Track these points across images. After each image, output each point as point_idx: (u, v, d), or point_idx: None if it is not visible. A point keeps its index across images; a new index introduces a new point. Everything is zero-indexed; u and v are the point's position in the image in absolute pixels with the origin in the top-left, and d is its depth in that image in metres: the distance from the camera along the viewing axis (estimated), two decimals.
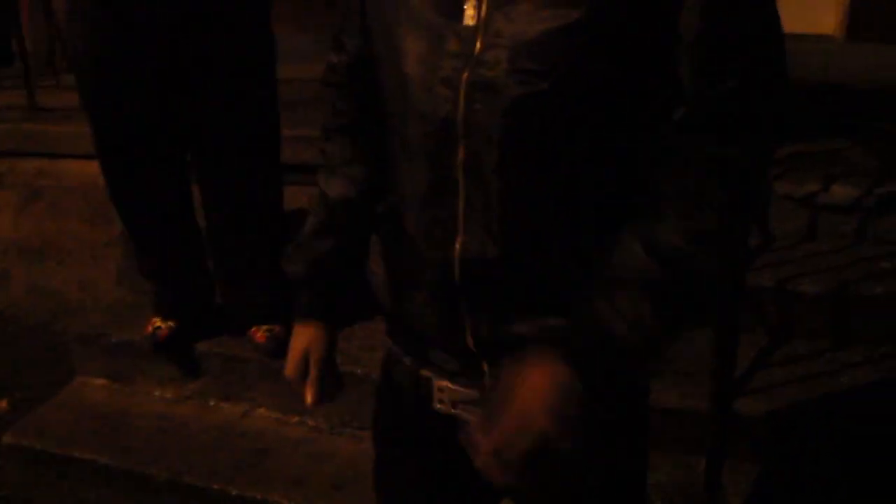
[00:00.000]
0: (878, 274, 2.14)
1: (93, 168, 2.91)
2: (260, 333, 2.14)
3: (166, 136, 2.05)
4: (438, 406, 1.00)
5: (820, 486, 1.87)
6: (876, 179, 2.28)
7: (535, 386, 0.77)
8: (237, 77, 1.97)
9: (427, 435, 1.07)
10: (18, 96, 3.32)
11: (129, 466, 2.08)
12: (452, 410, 0.98)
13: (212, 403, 2.26)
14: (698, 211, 0.80)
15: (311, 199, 1.10)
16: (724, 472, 1.87)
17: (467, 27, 0.83)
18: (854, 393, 1.96)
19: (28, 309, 3.23)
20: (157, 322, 2.22)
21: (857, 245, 2.28)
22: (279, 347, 2.11)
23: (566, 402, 0.76)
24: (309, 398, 1.07)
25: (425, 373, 0.99)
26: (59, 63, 3.63)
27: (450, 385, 0.97)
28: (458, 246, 0.87)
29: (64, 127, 3.07)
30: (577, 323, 0.80)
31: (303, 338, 1.07)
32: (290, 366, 1.08)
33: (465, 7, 0.83)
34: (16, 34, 3.28)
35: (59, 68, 3.61)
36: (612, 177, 0.84)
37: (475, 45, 0.82)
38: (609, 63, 0.78)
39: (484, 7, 0.82)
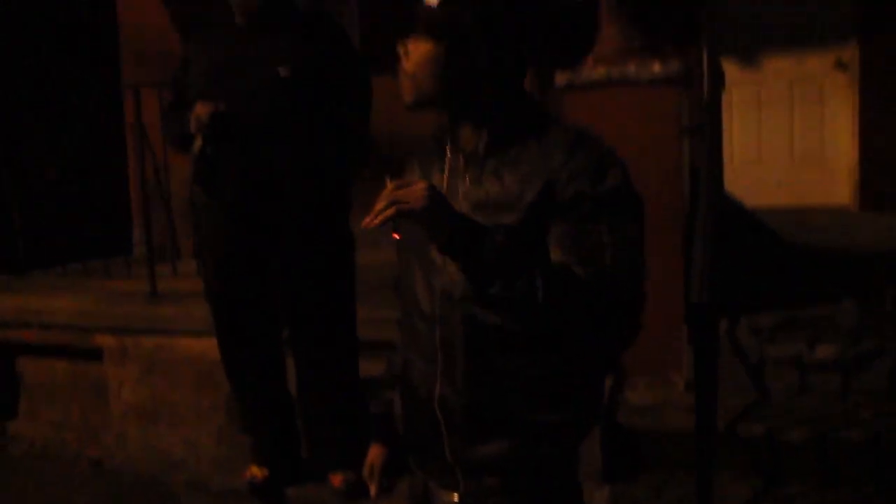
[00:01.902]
0: (859, 421, 2.59)
1: (202, 344, 3.66)
2: (337, 479, 2.73)
3: (268, 317, 2.74)
4: None
5: None
6: (855, 339, 2.77)
7: (413, 188, 1.28)
8: (324, 271, 2.66)
9: None
10: (141, 283, 4.14)
11: None
12: None
13: None
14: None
15: (385, 370, 1.76)
16: None
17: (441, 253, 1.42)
18: None
19: (141, 464, 3.89)
20: (254, 470, 2.83)
21: (843, 397, 2.74)
22: (353, 491, 2.69)
23: (423, 202, 1.26)
24: (372, 491, 1.71)
25: (430, 484, 1.58)
26: (175, 253, 4.50)
27: (442, 491, 1.53)
28: (437, 391, 1.47)
29: (179, 309, 3.84)
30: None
31: (372, 453, 1.72)
32: (365, 469, 1.72)
33: None
34: (145, 227, 4.16)
35: (176, 258, 4.47)
36: (544, 352, 1.42)
37: (445, 264, 1.43)
38: None
39: None
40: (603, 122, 2.72)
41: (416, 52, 1.44)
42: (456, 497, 1.52)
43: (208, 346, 3.61)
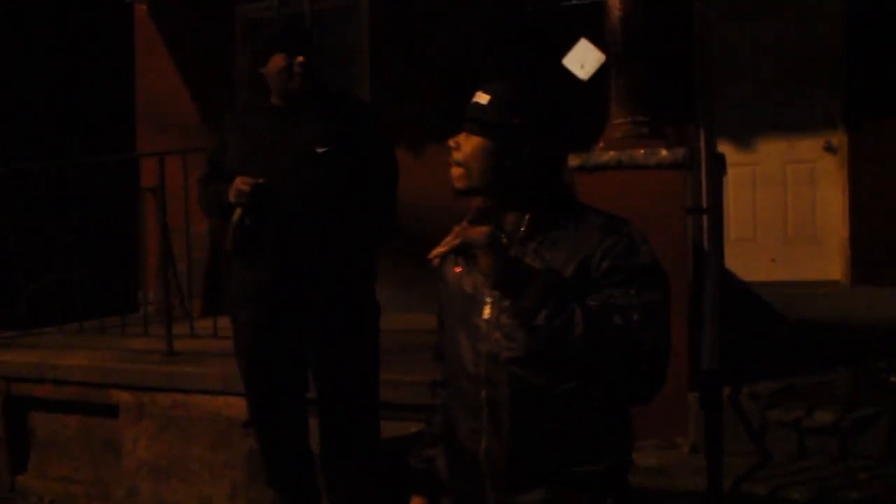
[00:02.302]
0: (857, 483, 2.77)
1: (218, 402, 3.82)
2: None
3: (294, 377, 2.91)
4: None
5: None
6: (851, 405, 2.97)
7: (479, 228, 1.54)
8: (350, 335, 2.84)
9: None
10: (156, 341, 4.31)
11: None
12: None
13: None
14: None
15: (426, 429, 1.91)
16: None
17: (486, 321, 1.65)
18: None
19: None
20: None
21: (841, 460, 2.92)
22: None
23: (486, 237, 1.51)
24: None
25: None
26: (186, 313, 4.67)
27: None
28: (482, 445, 1.64)
29: (195, 368, 3.98)
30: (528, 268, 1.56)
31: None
32: None
33: (484, 308, 1.65)
34: (163, 288, 4.36)
35: (190, 318, 4.64)
36: (581, 410, 1.62)
37: (490, 331, 1.64)
38: None
39: (495, 309, 1.64)
40: (613, 200, 2.97)
41: (466, 146, 1.69)
42: None
43: (224, 405, 3.78)
